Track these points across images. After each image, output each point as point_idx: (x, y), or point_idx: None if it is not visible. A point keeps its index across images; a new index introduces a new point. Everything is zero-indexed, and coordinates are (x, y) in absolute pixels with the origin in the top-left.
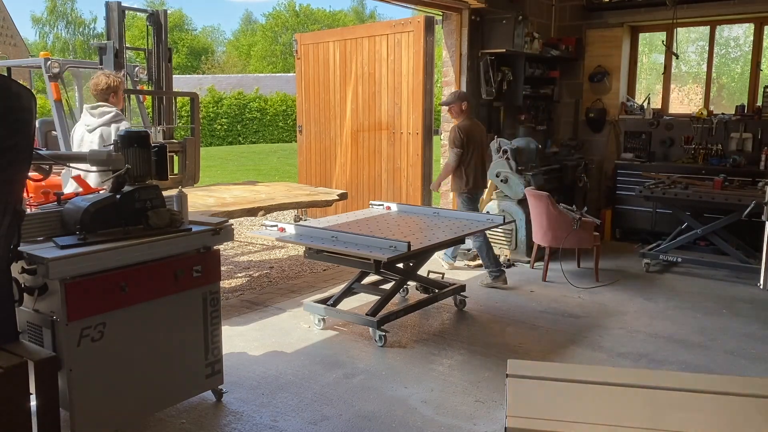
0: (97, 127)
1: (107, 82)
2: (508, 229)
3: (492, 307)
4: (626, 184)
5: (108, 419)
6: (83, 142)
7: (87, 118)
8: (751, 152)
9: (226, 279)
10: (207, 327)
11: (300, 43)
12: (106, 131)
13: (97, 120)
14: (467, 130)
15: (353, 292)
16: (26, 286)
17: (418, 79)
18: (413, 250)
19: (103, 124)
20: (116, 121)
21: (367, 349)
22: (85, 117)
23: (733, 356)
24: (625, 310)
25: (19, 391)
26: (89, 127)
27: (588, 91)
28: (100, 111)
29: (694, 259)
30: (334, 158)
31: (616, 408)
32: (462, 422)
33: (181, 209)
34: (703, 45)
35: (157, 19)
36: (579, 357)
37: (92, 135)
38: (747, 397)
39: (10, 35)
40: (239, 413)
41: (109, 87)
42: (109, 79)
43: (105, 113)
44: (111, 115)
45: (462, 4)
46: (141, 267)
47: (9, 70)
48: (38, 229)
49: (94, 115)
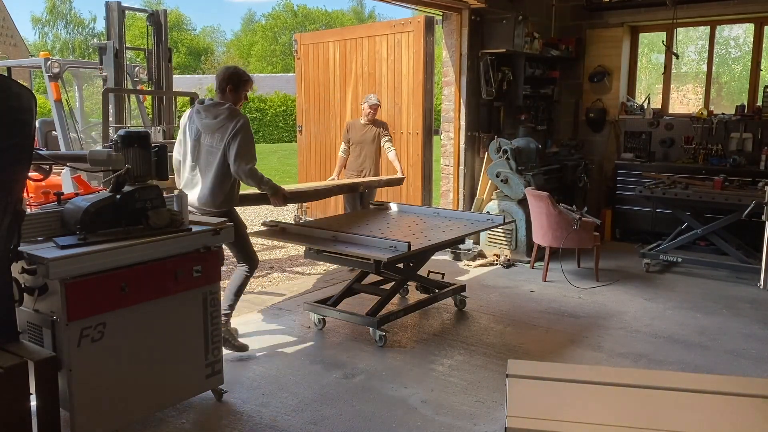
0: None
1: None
2: (508, 229)
3: (492, 307)
4: (626, 184)
5: (108, 419)
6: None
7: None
8: (751, 152)
9: (226, 279)
10: (207, 327)
11: (300, 43)
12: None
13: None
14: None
15: (353, 292)
16: (26, 286)
17: (418, 79)
18: (413, 250)
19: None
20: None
21: (367, 349)
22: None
23: (734, 356)
24: (625, 310)
25: (19, 391)
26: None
27: (588, 91)
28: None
29: (694, 259)
30: (335, 158)
31: (616, 408)
32: (462, 422)
33: (181, 209)
34: (703, 45)
35: (157, 19)
36: (579, 357)
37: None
38: (747, 397)
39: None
40: (239, 413)
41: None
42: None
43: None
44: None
45: (462, 4)
46: (141, 267)
47: (9, 70)
48: (38, 229)
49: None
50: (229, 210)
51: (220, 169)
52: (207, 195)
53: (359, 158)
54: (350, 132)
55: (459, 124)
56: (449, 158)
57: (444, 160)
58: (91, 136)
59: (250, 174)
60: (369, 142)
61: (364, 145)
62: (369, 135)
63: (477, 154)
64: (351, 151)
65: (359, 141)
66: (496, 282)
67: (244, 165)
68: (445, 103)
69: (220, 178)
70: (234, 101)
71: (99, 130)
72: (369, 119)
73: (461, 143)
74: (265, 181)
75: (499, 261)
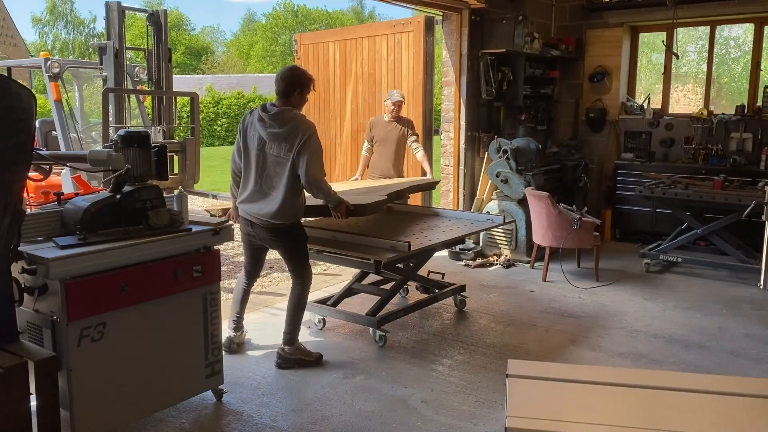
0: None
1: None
2: (508, 229)
3: (492, 307)
4: (626, 184)
5: (108, 419)
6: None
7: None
8: (751, 152)
9: (226, 279)
10: (207, 327)
11: (300, 43)
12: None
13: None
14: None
15: (353, 292)
16: (26, 286)
17: (418, 79)
18: (413, 250)
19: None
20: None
21: (367, 349)
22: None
23: (734, 356)
24: (625, 310)
25: (19, 391)
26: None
27: (588, 91)
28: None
29: (694, 259)
30: (335, 158)
31: (616, 408)
32: (462, 422)
33: (181, 209)
34: (703, 45)
35: (157, 19)
36: (579, 357)
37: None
38: (747, 397)
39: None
40: (239, 413)
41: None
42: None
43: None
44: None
45: (462, 4)
46: (141, 267)
47: (9, 70)
48: (38, 229)
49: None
50: (298, 223)
51: (290, 181)
52: (279, 209)
53: (382, 157)
54: (373, 129)
55: (459, 124)
56: (449, 158)
57: (444, 160)
58: (91, 136)
59: (320, 187)
60: (393, 141)
61: (387, 144)
62: (393, 133)
63: (477, 154)
64: (374, 150)
65: (383, 139)
66: (496, 282)
67: (316, 177)
68: (445, 103)
69: (293, 191)
70: (300, 105)
71: (99, 130)
72: (393, 116)
73: (461, 143)
74: (332, 194)
75: (499, 261)
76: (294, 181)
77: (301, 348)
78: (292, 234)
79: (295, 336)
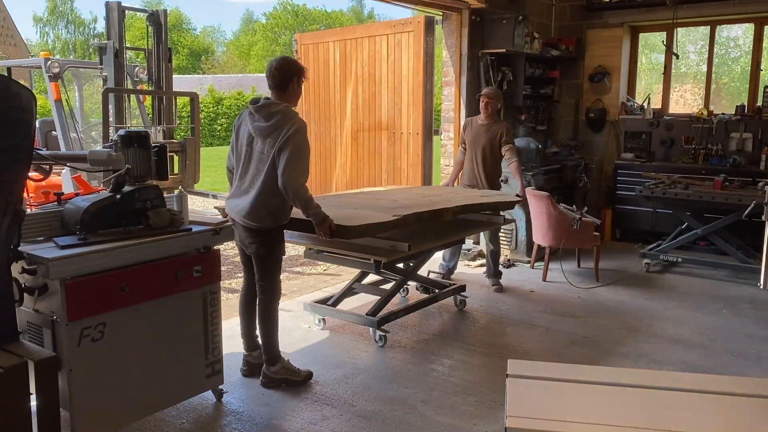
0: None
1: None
2: (508, 229)
3: (492, 307)
4: (626, 184)
5: (108, 419)
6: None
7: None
8: (751, 152)
9: (226, 279)
10: (207, 327)
11: (300, 43)
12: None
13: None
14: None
15: (353, 292)
16: (26, 286)
17: (418, 79)
18: (413, 251)
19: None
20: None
21: (367, 349)
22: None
23: (734, 356)
24: (625, 310)
25: (19, 391)
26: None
27: (588, 91)
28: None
29: (694, 259)
30: (335, 158)
31: (616, 408)
32: (462, 422)
33: (181, 209)
34: (703, 45)
35: (157, 19)
36: (579, 357)
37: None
38: (747, 397)
39: (10, 35)
40: (239, 413)
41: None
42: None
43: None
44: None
45: (462, 4)
46: (141, 267)
47: (9, 70)
48: (38, 229)
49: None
50: (276, 229)
51: (269, 181)
52: (251, 208)
53: (470, 164)
54: (466, 131)
55: (459, 124)
56: (449, 158)
57: (444, 160)
58: (91, 136)
59: (297, 192)
60: (482, 145)
61: (476, 149)
62: (483, 137)
63: None
64: (466, 154)
65: (472, 142)
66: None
67: (292, 179)
68: (445, 103)
69: (270, 190)
70: (297, 97)
71: (99, 130)
72: (485, 115)
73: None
74: (313, 206)
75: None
76: (273, 180)
77: (287, 366)
78: (266, 240)
79: (273, 354)
